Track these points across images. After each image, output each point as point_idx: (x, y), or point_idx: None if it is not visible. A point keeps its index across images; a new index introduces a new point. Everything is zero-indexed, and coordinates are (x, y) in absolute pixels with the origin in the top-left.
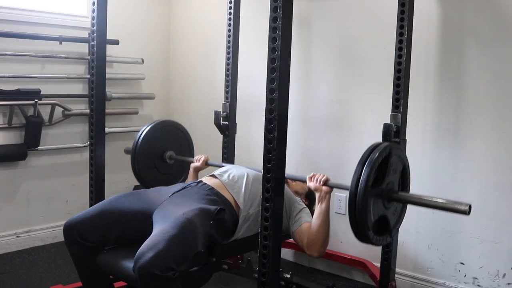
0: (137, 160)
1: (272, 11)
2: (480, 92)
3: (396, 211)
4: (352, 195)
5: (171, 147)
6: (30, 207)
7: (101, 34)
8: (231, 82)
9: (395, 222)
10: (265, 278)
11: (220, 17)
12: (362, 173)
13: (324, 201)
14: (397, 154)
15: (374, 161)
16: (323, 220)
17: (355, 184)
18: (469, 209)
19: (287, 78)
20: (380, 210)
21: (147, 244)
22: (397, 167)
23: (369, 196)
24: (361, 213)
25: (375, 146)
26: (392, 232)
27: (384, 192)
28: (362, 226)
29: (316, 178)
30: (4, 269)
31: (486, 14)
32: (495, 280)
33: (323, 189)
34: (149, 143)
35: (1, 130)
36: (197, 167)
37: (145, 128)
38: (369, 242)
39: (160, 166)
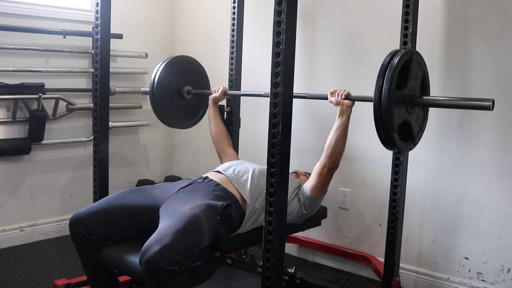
0: (155, 97)
1: (276, 5)
2: (485, 86)
3: (419, 118)
4: (377, 98)
5: (188, 82)
6: (34, 201)
7: (105, 28)
8: (235, 76)
9: (418, 129)
10: (269, 273)
11: (224, 11)
12: (386, 77)
13: (344, 114)
14: (417, 61)
15: (396, 65)
16: (341, 133)
17: (379, 88)
18: (492, 104)
19: (292, 72)
20: (404, 115)
21: (154, 238)
22: (418, 74)
23: (393, 98)
24: (386, 114)
25: (395, 52)
26: (415, 139)
27: (407, 97)
28: (387, 129)
29: (338, 93)
30: (9, 263)
31: (491, 8)
32: (499, 275)
33: (345, 103)
34: (166, 80)
35: (5, 124)
36: (216, 97)
37: (160, 65)
38: (395, 145)
39: (178, 102)
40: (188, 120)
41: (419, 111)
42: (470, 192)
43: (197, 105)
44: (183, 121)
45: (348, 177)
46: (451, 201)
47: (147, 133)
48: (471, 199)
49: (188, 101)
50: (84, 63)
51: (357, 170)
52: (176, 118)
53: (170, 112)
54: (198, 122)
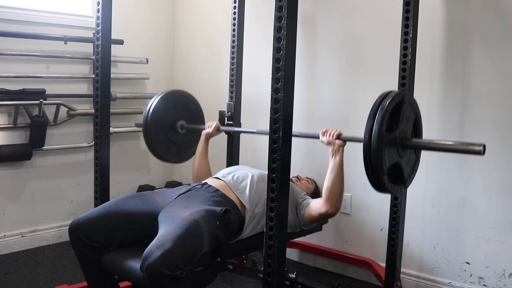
0: (148, 131)
1: (277, 11)
2: (486, 91)
3: (410, 161)
4: (366, 140)
5: (182, 117)
6: (35, 207)
7: (105, 34)
8: (235, 82)
9: (409, 172)
10: (270, 278)
11: (225, 17)
12: (376, 119)
13: (337, 154)
14: (409, 102)
15: (386, 106)
16: (337, 173)
17: (368, 130)
18: (483, 149)
19: (292, 77)
20: (395, 158)
21: (155, 243)
22: (410, 116)
23: (383, 140)
24: (376, 157)
25: (386, 93)
26: (406, 182)
27: (398, 139)
28: (377, 171)
29: (329, 133)
30: (9, 269)
31: (491, 13)
32: (501, 279)
33: (336, 143)
34: (160, 114)
35: (6, 130)
36: (209, 133)
37: (155, 99)
38: (384, 188)
39: (172, 136)
40: (181, 154)
41: (410, 153)
42: (471, 197)
43: (190, 140)
44: (176, 155)
45: (349, 182)
46: (452, 205)
47: None
48: (472, 203)
49: (182, 136)
50: (85, 69)
51: (358, 175)
52: (169, 152)
53: (163, 146)
54: (192, 157)
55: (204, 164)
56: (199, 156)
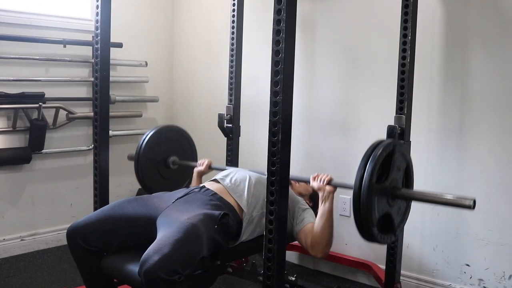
0: (140, 166)
1: (276, 14)
2: (485, 93)
3: (400, 210)
4: (356, 191)
5: (174, 152)
6: (35, 210)
7: (105, 37)
8: (234, 85)
9: (400, 221)
10: (270, 281)
11: (224, 20)
12: (366, 169)
13: (327, 200)
14: (400, 152)
15: (378, 157)
16: (326, 220)
17: (359, 180)
18: (473, 203)
19: (291, 80)
20: (385, 208)
21: (153, 248)
22: (401, 165)
23: (373, 191)
24: (365, 208)
25: (378, 143)
26: (396, 231)
27: (388, 189)
28: (366, 223)
29: (320, 178)
30: (9, 273)
31: (490, 14)
32: (501, 281)
33: (327, 189)
34: (152, 149)
35: (5, 133)
36: (200, 171)
37: (148, 134)
38: (374, 239)
39: (163, 172)
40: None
41: (401, 202)
42: None
43: (181, 176)
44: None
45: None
46: (451, 207)
47: None
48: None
49: (174, 172)
50: (84, 72)
51: None
52: (160, 188)
53: (154, 182)
54: None
55: None
56: None
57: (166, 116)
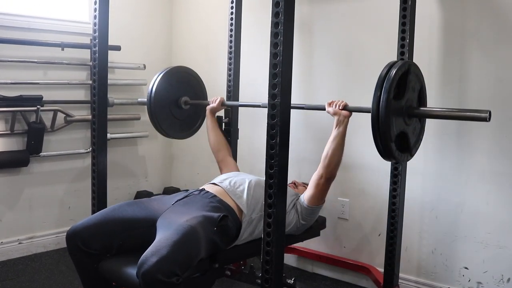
0: (153, 108)
1: (273, 16)
2: (483, 96)
3: (416, 130)
4: (375, 109)
5: (185, 93)
6: (33, 214)
7: (102, 40)
8: (233, 87)
9: (415, 141)
10: (268, 284)
11: (222, 22)
12: (383, 88)
13: (342, 125)
14: (415, 72)
15: (393, 76)
16: (338, 143)
17: (377, 98)
18: (489, 115)
19: (289, 83)
20: (401, 126)
21: (151, 250)
22: (415, 86)
23: (391, 109)
24: (384, 125)
25: (393, 63)
26: (412, 151)
27: (404, 108)
28: (385, 139)
29: (335, 104)
30: (7, 276)
31: (488, 18)
32: (499, 284)
33: (342, 113)
34: (163, 90)
35: (3, 136)
36: (213, 108)
37: (158, 76)
38: (392, 155)
39: (175, 112)
40: (185, 130)
41: (416, 122)
42: (469, 201)
43: (194, 115)
44: (180, 132)
45: (347, 187)
46: (450, 210)
47: (145, 144)
48: (470, 208)
49: (186, 112)
50: (82, 75)
51: (355, 180)
52: (173, 128)
53: (167, 122)
54: (195, 133)
55: (219, 136)
56: (211, 130)
57: None
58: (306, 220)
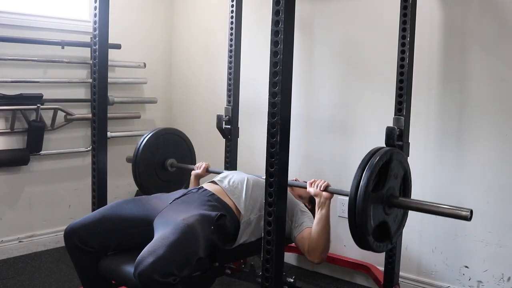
0: (138, 168)
1: (274, 15)
2: (484, 95)
3: (397, 217)
4: (352, 199)
5: (172, 155)
6: (33, 212)
7: (103, 38)
8: (233, 86)
9: (396, 229)
10: (268, 283)
11: (222, 21)
12: (362, 178)
13: (324, 207)
14: (398, 159)
15: (374, 165)
16: (323, 226)
17: (354, 188)
18: (470, 214)
19: (290, 82)
20: (381, 216)
21: (147, 250)
22: (398, 173)
23: (369, 200)
24: (361, 217)
25: (375, 150)
26: (392, 239)
27: (385, 197)
28: (362, 231)
29: (317, 184)
30: (7, 274)
31: (489, 16)
32: (500, 283)
33: (323, 195)
34: (150, 151)
35: (3, 135)
36: (198, 174)
37: (146, 137)
38: (369, 248)
39: (161, 174)
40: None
41: (398, 210)
42: (469, 200)
43: (179, 178)
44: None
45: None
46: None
47: None
48: (470, 207)
49: (171, 174)
50: (83, 73)
51: None
52: (158, 190)
53: (152, 184)
54: None
55: None
56: None
57: (164, 118)
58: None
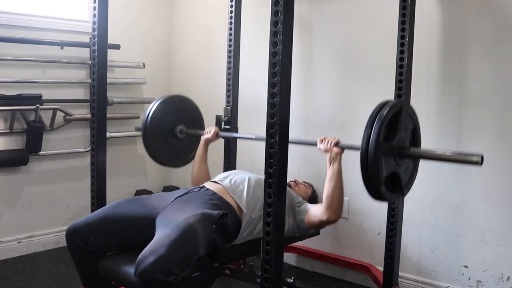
0: (148, 135)
1: (273, 15)
2: (483, 95)
3: (408, 169)
4: (364, 150)
5: (181, 122)
6: (32, 212)
7: (102, 38)
8: (232, 86)
9: (407, 181)
10: (268, 283)
11: (221, 21)
12: (373, 128)
13: (335, 162)
14: (407, 112)
15: (384, 116)
16: (336, 181)
17: (366, 139)
18: (481, 159)
19: (289, 82)
20: (392, 167)
21: (149, 249)
22: (408, 125)
23: (380, 150)
24: (373, 167)
25: (384, 102)
26: (404, 191)
27: (396, 148)
28: (374, 181)
29: (327, 141)
30: (6, 275)
31: (488, 16)
32: (499, 283)
33: (334, 150)
34: (159, 118)
35: (2, 135)
36: (207, 139)
37: (155, 104)
38: (382, 197)
39: (171, 141)
40: (180, 159)
41: (409, 162)
42: (469, 200)
43: (189, 144)
44: (175, 160)
45: (347, 186)
46: (450, 209)
47: None
48: (470, 207)
49: (181, 141)
50: (82, 73)
51: (355, 179)
52: (168, 156)
53: (162, 151)
54: (190, 162)
55: (203, 169)
56: (198, 161)
57: None
58: (304, 232)
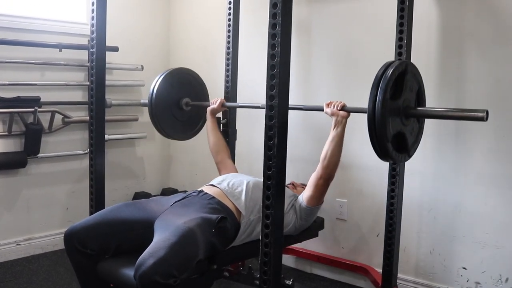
0: (154, 109)
1: (271, 18)
2: (481, 96)
3: (414, 130)
4: (371, 108)
5: (187, 94)
6: (30, 215)
7: (100, 41)
8: (231, 88)
9: (413, 141)
10: (266, 285)
11: (219, 23)
12: (379, 88)
13: (340, 125)
14: (412, 72)
15: (390, 75)
16: (337, 144)
17: (372, 98)
18: (486, 115)
19: (287, 84)
20: (398, 126)
21: (148, 252)
22: (413, 86)
23: (387, 108)
24: (380, 124)
25: (389, 63)
26: (410, 151)
27: (401, 108)
28: (381, 138)
29: (333, 104)
30: (5, 278)
31: (485, 18)
32: (497, 284)
33: (340, 114)
34: (165, 91)
35: (1, 137)
36: (214, 109)
37: (160, 77)
38: (388, 155)
39: (177, 113)
40: (186, 131)
41: (414, 123)
42: (467, 202)
43: (195, 117)
44: (181, 133)
45: (345, 188)
46: (448, 210)
47: (143, 145)
48: (468, 208)
49: (187, 113)
50: (80, 76)
51: (353, 181)
52: (175, 129)
53: (169, 124)
54: (197, 134)
55: (218, 138)
56: (211, 131)
57: None
58: (305, 220)
